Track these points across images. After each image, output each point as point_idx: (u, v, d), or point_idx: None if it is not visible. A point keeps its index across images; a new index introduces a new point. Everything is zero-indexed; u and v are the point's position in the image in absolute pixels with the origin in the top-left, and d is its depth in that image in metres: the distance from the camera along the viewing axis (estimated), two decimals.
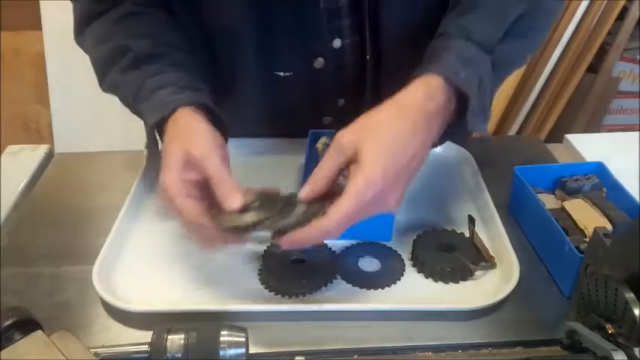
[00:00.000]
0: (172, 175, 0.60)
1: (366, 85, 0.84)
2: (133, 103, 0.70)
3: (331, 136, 0.80)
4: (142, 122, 0.70)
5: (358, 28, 0.79)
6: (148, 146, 0.69)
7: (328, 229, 0.55)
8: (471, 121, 0.63)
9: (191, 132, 0.63)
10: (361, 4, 0.76)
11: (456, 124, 0.65)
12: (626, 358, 0.45)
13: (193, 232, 0.61)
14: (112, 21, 0.74)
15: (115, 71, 0.71)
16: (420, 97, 0.61)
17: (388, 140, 0.57)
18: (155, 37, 0.72)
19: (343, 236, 0.71)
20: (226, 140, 0.70)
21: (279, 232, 0.57)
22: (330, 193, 0.58)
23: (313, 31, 0.77)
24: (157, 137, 0.68)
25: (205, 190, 0.60)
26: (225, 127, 0.70)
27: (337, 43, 0.79)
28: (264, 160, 0.88)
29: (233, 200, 0.58)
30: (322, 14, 0.76)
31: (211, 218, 0.58)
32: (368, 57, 0.80)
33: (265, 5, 0.74)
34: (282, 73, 0.81)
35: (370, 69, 0.82)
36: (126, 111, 0.74)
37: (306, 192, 0.58)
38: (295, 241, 0.56)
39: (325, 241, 0.69)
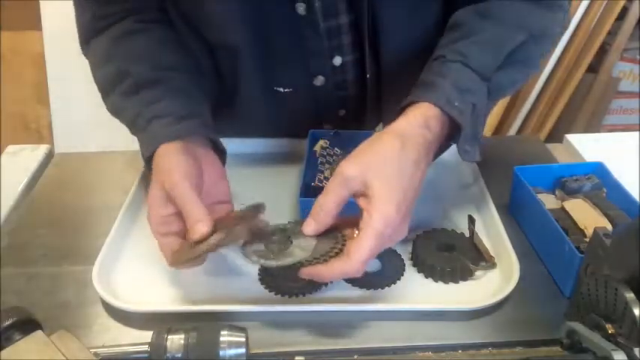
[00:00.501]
0: (151, 213, 0.62)
1: (367, 99, 0.84)
2: (131, 130, 0.71)
3: (330, 137, 0.81)
4: None
5: (358, 45, 0.78)
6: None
7: (351, 270, 0.55)
8: (461, 148, 0.65)
9: (166, 166, 0.63)
10: (361, 21, 0.75)
11: (446, 148, 0.67)
12: (626, 358, 0.45)
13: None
14: (112, 39, 0.73)
15: (117, 95, 0.71)
16: (419, 127, 0.61)
17: (397, 176, 0.58)
18: (154, 61, 0.72)
19: None
20: (223, 164, 0.71)
21: (299, 265, 0.57)
22: (334, 225, 0.59)
23: (313, 49, 0.77)
24: None
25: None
26: (223, 151, 0.71)
27: (338, 60, 0.79)
28: (264, 160, 0.88)
29: (195, 231, 0.58)
30: (322, 33, 0.75)
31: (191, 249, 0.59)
32: (368, 75, 0.80)
33: (265, 25, 0.73)
34: (281, 89, 0.81)
35: (371, 84, 0.82)
36: None
37: (312, 228, 0.58)
38: (315, 276, 0.57)
39: None
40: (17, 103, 2.10)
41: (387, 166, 0.58)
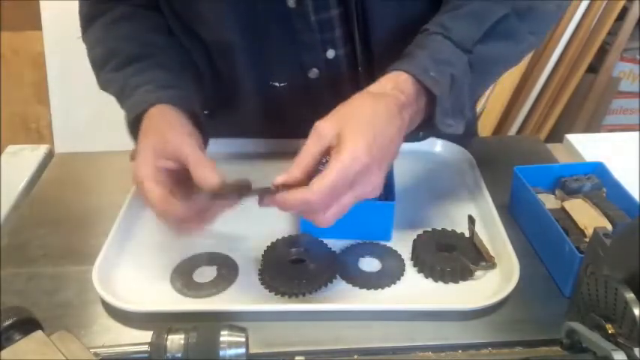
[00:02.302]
0: (144, 161, 0.61)
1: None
2: (118, 101, 0.74)
3: None
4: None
5: (350, 37, 0.78)
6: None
7: (312, 198, 0.54)
8: (440, 120, 0.64)
9: (166, 123, 0.65)
10: (350, 13, 0.75)
11: (428, 124, 0.66)
12: (626, 358, 0.45)
13: (164, 219, 0.61)
14: (105, 24, 0.78)
15: (106, 71, 0.75)
16: (390, 88, 0.62)
17: (368, 122, 0.58)
18: (142, 38, 0.76)
19: (343, 236, 0.71)
20: (205, 144, 0.71)
21: (264, 192, 0.57)
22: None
23: (306, 43, 0.77)
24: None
25: (179, 182, 0.62)
26: (205, 132, 0.71)
27: (331, 53, 0.79)
28: (263, 159, 0.88)
29: (212, 179, 0.59)
30: (314, 26, 0.75)
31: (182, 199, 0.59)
32: (360, 69, 0.80)
33: (257, 19, 0.74)
34: (277, 84, 0.81)
35: (363, 77, 0.81)
36: None
37: (283, 178, 0.58)
38: (278, 202, 0.57)
39: (325, 241, 0.69)
40: (17, 103, 2.10)
41: (357, 115, 0.59)
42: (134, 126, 0.68)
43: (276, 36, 0.76)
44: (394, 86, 0.63)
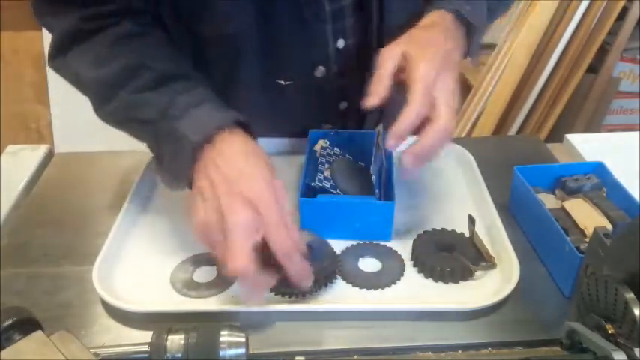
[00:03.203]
0: (271, 206, 0.56)
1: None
2: (161, 121, 0.63)
3: (330, 138, 0.81)
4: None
5: (361, 27, 0.79)
6: (161, 163, 0.66)
7: (416, 108, 0.62)
8: (475, 51, 0.76)
9: (259, 152, 0.62)
10: (366, 2, 0.76)
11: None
12: (626, 358, 0.45)
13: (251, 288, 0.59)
14: (110, 41, 0.68)
15: (130, 91, 0.65)
16: (436, 18, 0.71)
17: (426, 42, 0.67)
18: (174, 57, 0.69)
19: (343, 236, 0.71)
20: None
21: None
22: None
23: (317, 33, 0.77)
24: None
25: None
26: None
27: (341, 43, 0.80)
28: (269, 156, 0.87)
29: (307, 282, 0.59)
30: (327, 16, 0.76)
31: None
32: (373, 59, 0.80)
33: (269, 11, 0.73)
34: (282, 82, 0.81)
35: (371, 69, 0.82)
36: None
37: (373, 98, 0.64)
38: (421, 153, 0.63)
39: (327, 241, 0.69)
40: (17, 103, 2.10)
41: (415, 38, 0.68)
42: (188, 149, 0.61)
43: (287, 27, 0.75)
44: (438, 17, 0.71)
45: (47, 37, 2.15)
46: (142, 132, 0.68)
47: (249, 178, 0.58)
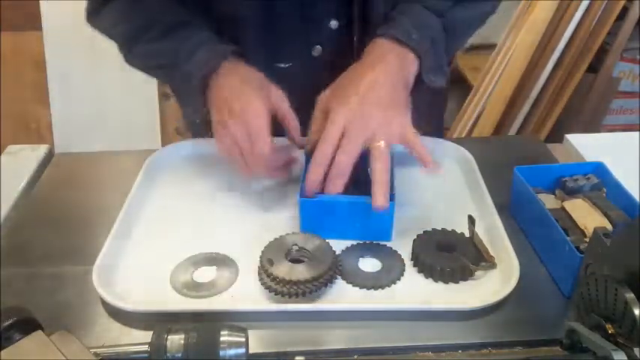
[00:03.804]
0: (258, 111, 0.71)
1: None
2: (171, 67, 0.76)
3: None
4: (139, 120, 0.72)
5: (349, 8, 0.81)
6: (187, 104, 0.79)
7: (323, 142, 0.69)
8: (426, 76, 0.77)
9: (256, 76, 0.75)
10: None
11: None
12: (626, 358, 0.45)
13: (264, 169, 0.73)
14: (128, 1, 0.79)
15: (145, 42, 0.78)
16: (375, 53, 0.75)
17: (344, 81, 0.73)
18: (175, 10, 0.79)
19: (344, 236, 0.71)
20: None
21: None
22: None
23: (312, 16, 0.80)
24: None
25: None
26: None
27: (334, 24, 0.82)
28: None
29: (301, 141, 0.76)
30: None
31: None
32: (355, 38, 0.83)
33: None
34: (282, 65, 0.85)
35: (358, 49, 0.83)
36: (126, 110, 0.75)
37: (310, 146, 0.73)
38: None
39: (327, 240, 0.68)
40: (17, 103, 2.10)
41: (344, 80, 0.74)
42: (197, 86, 0.74)
43: (285, 9, 0.80)
44: (374, 46, 0.75)
45: (47, 37, 2.15)
46: (160, 75, 0.84)
47: (249, 108, 0.71)
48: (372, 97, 0.70)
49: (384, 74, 0.72)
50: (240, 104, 0.71)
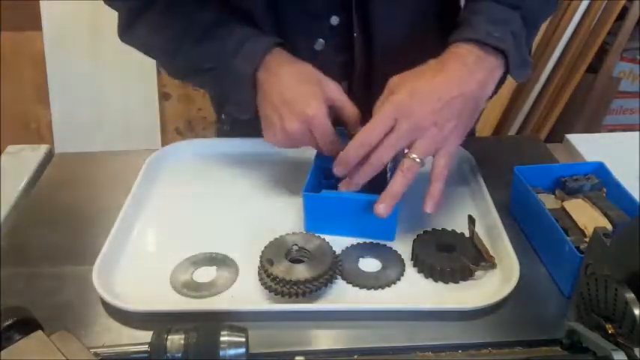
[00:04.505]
0: (315, 96, 0.70)
1: (355, 66, 0.85)
2: (218, 67, 0.75)
3: (340, 132, 0.80)
4: (139, 120, 0.71)
5: (349, 4, 0.80)
6: (234, 104, 0.78)
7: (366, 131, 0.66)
8: (514, 72, 0.72)
9: (307, 65, 0.74)
10: None
11: (503, 78, 0.73)
12: (626, 358, 0.45)
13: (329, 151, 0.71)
14: (162, 9, 0.77)
15: (188, 45, 0.76)
16: (453, 54, 0.70)
17: (419, 79, 0.68)
18: (212, 9, 0.77)
19: (347, 233, 0.71)
20: None
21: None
22: None
23: (315, 7, 0.80)
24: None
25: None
26: None
27: (335, 20, 0.81)
28: (270, 157, 0.87)
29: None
30: None
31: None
32: (355, 34, 0.82)
33: None
34: None
35: (359, 49, 0.83)
36: (126, 110, 0.74)
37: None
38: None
39: (327, 240, 0.69)
40: (17, 103, 2.10)
41: (413, 76, 0.69)
42: (249, 81, 0.73)
43: (287, 5, 0.79)
44: (456, 52, 0.70)
45: (47, 37, 2.15)
46: (205, 79, 0.79)
47: (304, 94, 0.71)
48: (436, 102, 0.66)
49: (458, 84, 0.68)
50: (299, 105, 0.70)
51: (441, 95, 0.66)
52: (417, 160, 0.66)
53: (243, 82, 0.73)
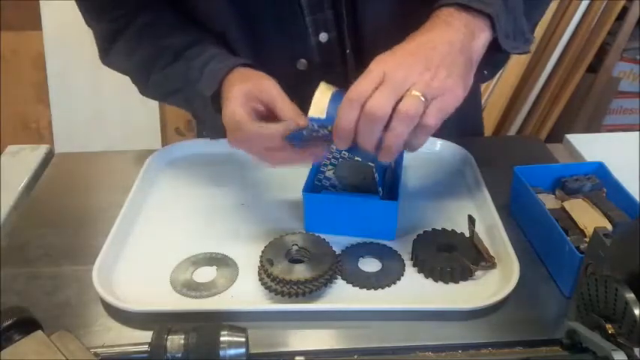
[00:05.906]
0: (237, 102, 0.65)
1: (348, 82, 0.84)
2: (185, 88, 0.75)
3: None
4: (139, 120, 0.71)
5: (341, 19, 0.79)
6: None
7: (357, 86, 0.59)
8: (505, 42, 0.66)
9: (251, 73, 0.70)
10: None
11: (493, 57, 0.68)
12: (626, 358, 0.45)
13: (268, 156, 0.66)
14: (134, 33, 0.78)
15: (158, 69, 0.76)
16: (435, 17, 0.64)
17: (401, 45, 0.62)
18: (183, 31, 0.77)
19: (347, 233, 0.71)
20: None
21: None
22: None
23: (297, 27, 0.77)
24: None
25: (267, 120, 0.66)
26: None
27: (324, 37, 0.80)
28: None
29: (299, 118, 0.64)
30: (304, 8, 0.76)
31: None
32: (348, 51, 0.81)
33: (249, 10, 0.75)
34: None
35: (352, 61, 0.82)
36: (126, 110, 0.74)
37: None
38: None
39: (327, 240, 0.69)
40: (17, 103, 2.10)
41: (402, 50, 0.62)
42: (213, 101, 0.71)
43: (267, 25, 0.77)
44: (436, 15, 0.64)
45: (47, 37, 2.15)
46: (177, 100, 0.79)
47: (230, 105, 0.66)
48: (422, 53, 0.60)
49: (440, 36, 0.61)
50: (231, 125, 0.66)
51: (427, 45, 0.60)
52: (421, 97, 0.57)
53: (206, 104, 0.71)
